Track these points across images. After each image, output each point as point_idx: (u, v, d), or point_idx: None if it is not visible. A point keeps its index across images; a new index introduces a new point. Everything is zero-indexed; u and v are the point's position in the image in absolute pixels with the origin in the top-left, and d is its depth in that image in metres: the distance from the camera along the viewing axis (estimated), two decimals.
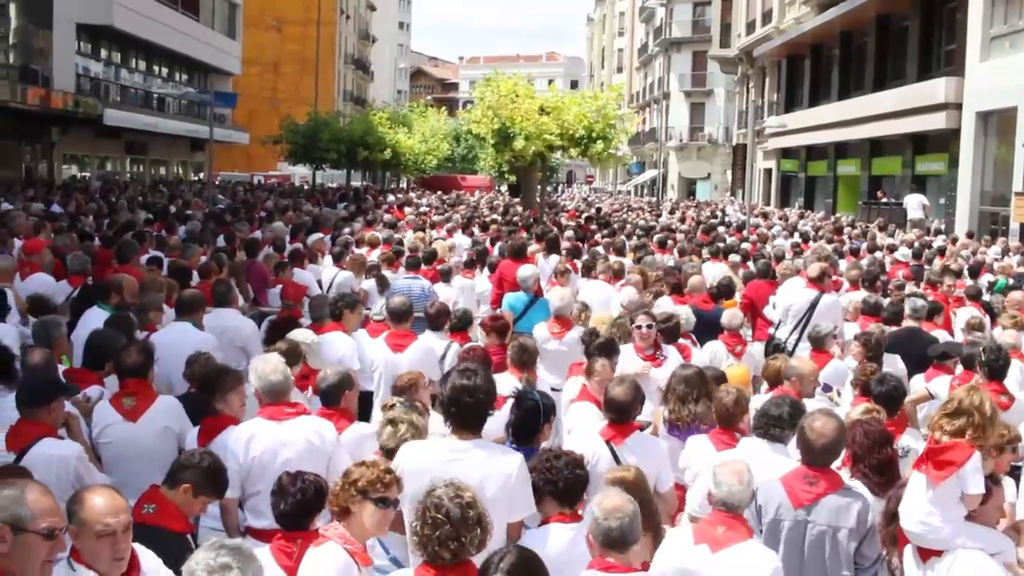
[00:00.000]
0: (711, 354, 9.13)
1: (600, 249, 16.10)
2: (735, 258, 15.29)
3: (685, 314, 9.64)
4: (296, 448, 5.55)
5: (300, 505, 4.58)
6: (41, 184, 30.51)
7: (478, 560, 3.92)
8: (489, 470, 4.57)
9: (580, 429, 6.58)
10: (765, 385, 8.17)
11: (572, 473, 4.84)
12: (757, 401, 6.69)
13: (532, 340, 7.94)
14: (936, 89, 28.51)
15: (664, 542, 4.77)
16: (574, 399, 7.32)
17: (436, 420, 5.97)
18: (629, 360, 7.99)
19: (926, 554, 4.89)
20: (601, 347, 7.74)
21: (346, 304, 8.87)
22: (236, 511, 5.54)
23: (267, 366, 5.89)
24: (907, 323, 10.11)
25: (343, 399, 6.33)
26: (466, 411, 4.79)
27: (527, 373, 7.47)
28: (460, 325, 9.21)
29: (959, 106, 27.82)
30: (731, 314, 9.76)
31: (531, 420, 5.66)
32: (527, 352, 7.56)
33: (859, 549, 5.05)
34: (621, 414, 6.01)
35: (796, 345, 10.57)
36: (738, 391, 6.39)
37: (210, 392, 6.13)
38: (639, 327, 8.32)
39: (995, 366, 7.57)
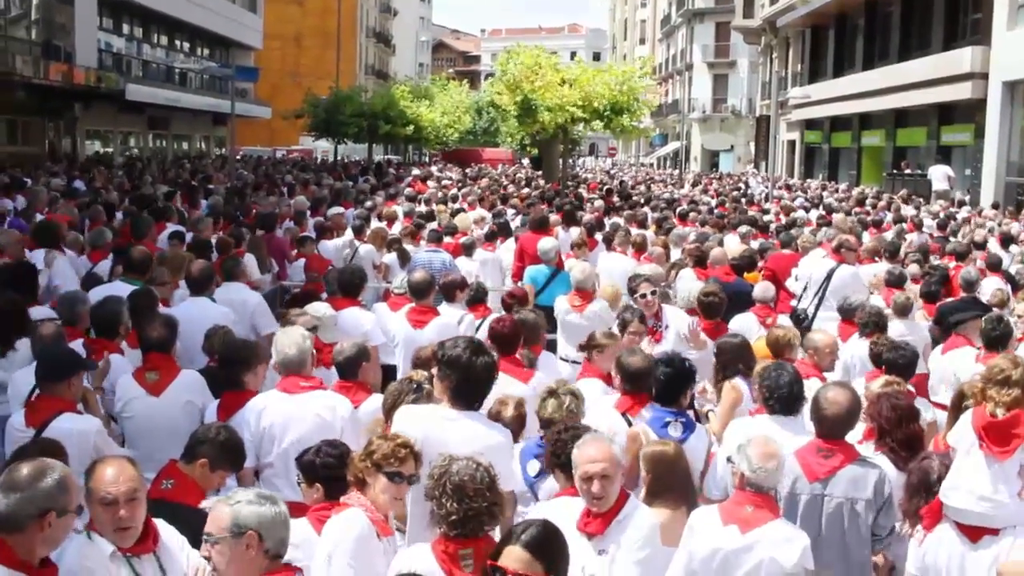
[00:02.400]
0: (742, 326, 9.06)
1: (621, 221, 16.04)
2: (744, 230, 15.16)
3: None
4: (306, 422, 5.56)
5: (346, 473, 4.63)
6: (65, 159, 30.67)
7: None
8: (475, 442, 4.56)
9: (591, 404, 6.57)
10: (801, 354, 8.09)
11: None
12: None
13: (533, 315, 7.88)
14: (962, 58, 28.11)
15: (690, 523, 4.75)
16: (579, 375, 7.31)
17: None
18: None
19: (977, 533, 4.74)
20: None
21: (361, 278, 8.87)
22: (253, 480, 5.57)
23: (285, 339, 5.91)
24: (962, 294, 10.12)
25: (360, 372, 6.33)
26: (469, 390, 4.83)
27: (528, 348, 7.42)
28: (476, 298, 9.21)
29: (985, 76, 27.43)
30: (764, 287, 9.75)
31: (674, 383, 5.84)
32: (527, 326, 7.51)
33: (876, 519, 5.02)
34: (637, 384, 6.01)
35: (815, 316, 10.55)
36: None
37: (237, 365, 6.13)
38: (643, 295, 8.28)
39: (991, 336, 7.52)
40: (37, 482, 3.65)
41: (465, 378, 4.80)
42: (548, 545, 3.52)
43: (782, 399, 5.66)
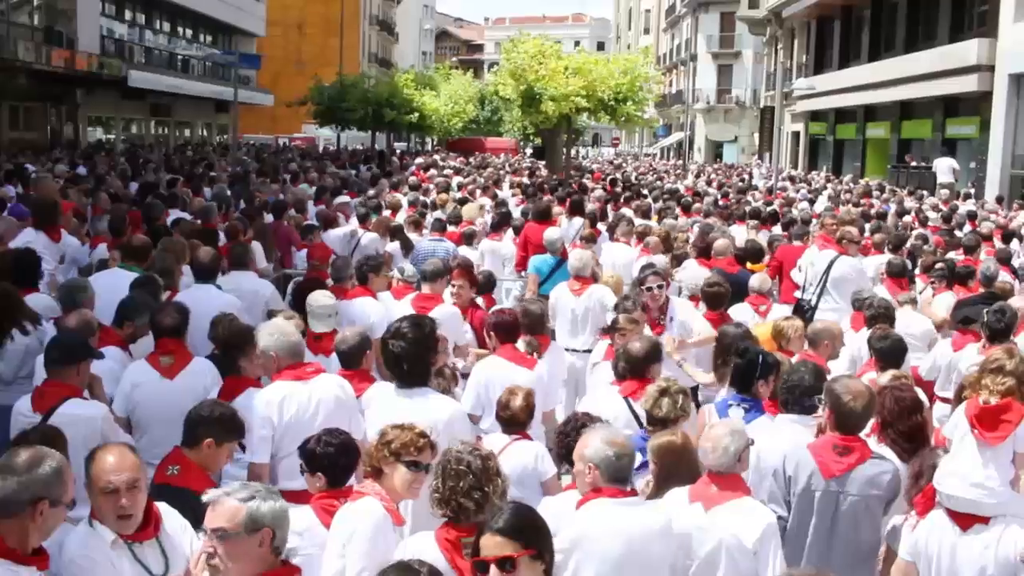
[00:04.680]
0: (736, 316, 9.05)
1: (625, 211, 16.01)
2: (752, 222, 15.20)
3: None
4: (328, 406, 5.60)
5: (346, 461, 4.67)
6: (67, 146, 30.67)
7: None
8: (422, 415, 4.87)
9: (599, 388, 6.61)
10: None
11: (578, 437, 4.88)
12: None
13: (538, 304, 7.87)
14: (968, 50, 28.02)
15: (664, 501, 4.76)
16: (599, 360, 7.34)
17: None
18: None
19: (967, 521, 4.71)
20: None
21: (371, 267, 8.77)
22: (268, 477, 5.49)
23: (286, 327, 5.94)
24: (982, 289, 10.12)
25: (364, 360, 6.33)
26: (399, 371, 5.37)
27: (533, 337, 7.42)
28: (485, 287, 9.20)
29: (991, 68, 27.35)
30: (760, 278, 9.81)
31: (746, 373, 6.02)
32: (530, 316, 7.50)
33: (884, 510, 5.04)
34: (638, 369, 6.04)
35: (816, 306, 10.54)
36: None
37: (236, 351, 6.12)
38: (649, 288, 8.26)
39: (996, 328, 7.51)
40: (34, 468, 3.63)
41: (387, 358, 5.39)
42: (521, 525, 3.51)
43: (802, 400, 5.62)
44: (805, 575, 3.18)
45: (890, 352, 6.92)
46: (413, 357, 5.30)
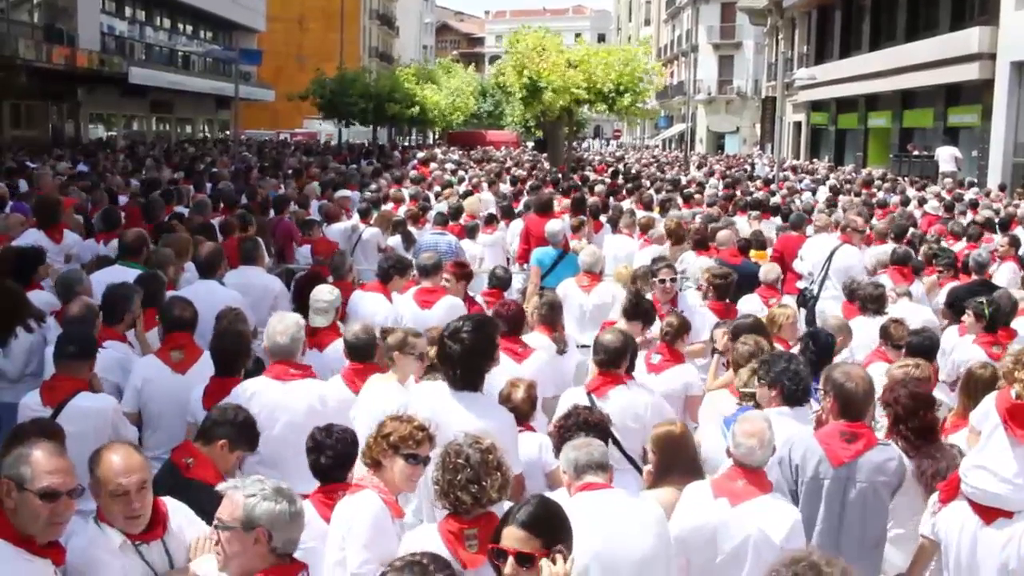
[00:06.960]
0: (747, 308, 9.02)
1: (626, 203, 16.00)
2: (754, 213, 15.22)
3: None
4: (296, 411, 5.50)
5: (339, 457, 4.65)
6: (69, 144, 30.67)
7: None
8: (473, 423, 4.65)
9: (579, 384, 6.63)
10: None
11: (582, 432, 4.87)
12: None
13: (556, 297, 7.90)
14: (970, 39, 27.95)
15: (683, 497, 4.74)
16: None
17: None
18: None
19: (992, 514, 4.68)
20: (640, 313, 7.59)
21: (397, 270, 8.65)
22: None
23: (278, 326, 5.82)
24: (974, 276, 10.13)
25: (375, 354, 6.29)
26: (450, 371, 5.01)
27: (558, 331, 7.47)
28: (499, 283, 9.25)
29: (993, 56, 27.29)
30: (768, 268, 9.83)
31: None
32: (554, 309, 7.53)
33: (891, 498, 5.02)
34: (606, 363, 5.98)
35: (818, 295, 10.54)
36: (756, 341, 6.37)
37: (236, 358, 6.00)
38: (662, 281, 8.27)
39: (986, 316, 7.51)
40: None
41: (441, 358, 5.03)
42: (544, 521, 3.53)
43: (791, 390, 5.56)
44: (802, 555, 3.14)
45: (928, 347, 6.93)
46: (465, 362, 4.98)
